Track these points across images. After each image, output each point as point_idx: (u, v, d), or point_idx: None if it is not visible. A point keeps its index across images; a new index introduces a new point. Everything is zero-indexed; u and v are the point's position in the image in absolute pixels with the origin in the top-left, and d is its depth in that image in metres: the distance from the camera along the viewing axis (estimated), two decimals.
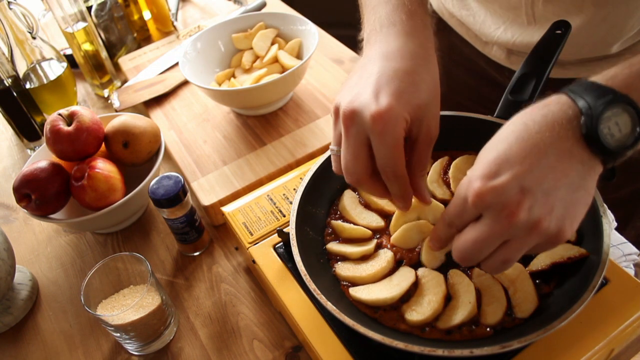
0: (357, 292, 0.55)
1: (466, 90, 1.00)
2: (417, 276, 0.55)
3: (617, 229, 0.71)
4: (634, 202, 0.88)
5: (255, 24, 0.99)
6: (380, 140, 0.47)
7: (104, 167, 0.74)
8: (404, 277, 0.55)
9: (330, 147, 0.53)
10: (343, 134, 0.50)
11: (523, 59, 0.82)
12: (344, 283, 0.57)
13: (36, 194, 0.72)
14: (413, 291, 0.54)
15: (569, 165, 0.42)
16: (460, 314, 0.51)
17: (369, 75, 0.50)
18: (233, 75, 0.96)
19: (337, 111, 0.51)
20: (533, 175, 0.41)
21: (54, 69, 0.98)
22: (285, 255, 0.62)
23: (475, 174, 0.44)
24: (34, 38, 0.95)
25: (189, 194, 0.70)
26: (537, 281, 0.53)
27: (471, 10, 0.83)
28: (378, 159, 0.49)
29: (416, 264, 0.57)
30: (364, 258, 0.59)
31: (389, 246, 0.59)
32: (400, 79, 0.49)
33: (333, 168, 0.54)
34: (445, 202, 0.63)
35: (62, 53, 1.02)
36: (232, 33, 0.99)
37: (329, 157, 0.65)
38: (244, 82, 0.91)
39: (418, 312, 0.52)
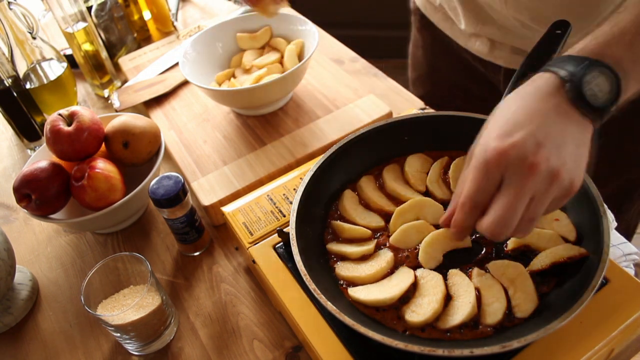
0: (356, 293, 0.55)
1: (452, 86, 1.01)
2: (415, 277, 0.55)
3: None
4: (622, 196, 0.88)
5: (256, 24, 0.99)
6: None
7: (104, 167, 0.74)
8: (403, 278, 0.55)
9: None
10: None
11: (506, 53, 0.82)
12: (343, 283, 0.57)
13: (36, 194, 0.72)
14: (412, 292, 0.54)
15: (569, 124, 0.46)
16: (460, 314, 0.51)
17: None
18: (233, 75, 0.96)
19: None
20: (543, 131, 0.45)
21: (54, 69, 0.98)
22: (285, 255, 0.62)
23: (491, 137, 0.46)
24: (34, 38, 0.95)
25: (189, 194, 0.70)
26: (537, 281, 0.53)
27: (453, 3, 0.84)
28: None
29: (415, 265, 0.57)
30: (364, 258, 0.59)
31: (387, 244, 0.59)
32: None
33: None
34: (445, 202, 0.63)
35: (62, 53, 1.02)
36: (233, 33, 0.99)
37: (329, 157, 0.65)
38: (244, 82, 0.91)
39: (418, 314, 0.52)
